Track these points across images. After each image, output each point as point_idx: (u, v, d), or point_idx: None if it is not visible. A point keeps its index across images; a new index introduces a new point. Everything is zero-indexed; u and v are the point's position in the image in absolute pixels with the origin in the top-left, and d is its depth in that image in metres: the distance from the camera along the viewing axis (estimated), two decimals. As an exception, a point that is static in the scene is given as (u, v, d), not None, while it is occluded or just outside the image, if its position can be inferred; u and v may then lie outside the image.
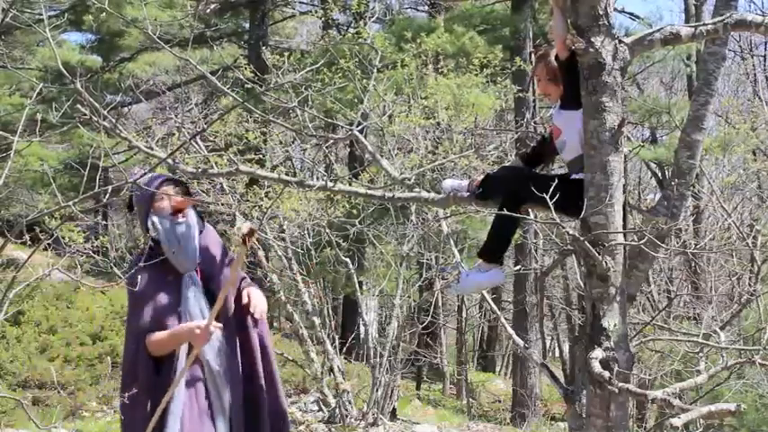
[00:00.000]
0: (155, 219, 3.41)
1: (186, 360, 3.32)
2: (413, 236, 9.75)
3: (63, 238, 8.61)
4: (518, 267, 13.25)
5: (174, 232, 3.40)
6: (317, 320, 9.19)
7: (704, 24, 3.32)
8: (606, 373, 2.97)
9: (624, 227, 3.22)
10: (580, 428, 3.33)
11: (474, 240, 13.90)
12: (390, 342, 9.45)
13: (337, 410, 8.96)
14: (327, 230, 9.35)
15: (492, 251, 3.60)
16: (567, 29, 3.23)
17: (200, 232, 3.53)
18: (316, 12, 17.60)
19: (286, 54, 9.48)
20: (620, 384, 2.95)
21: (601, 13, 3.14)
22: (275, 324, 16.75)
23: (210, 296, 3.45)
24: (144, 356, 3.36)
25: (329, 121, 4.68)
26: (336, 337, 9.79)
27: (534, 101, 14.15)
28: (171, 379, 3.32)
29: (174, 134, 9.45)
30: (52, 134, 11.06)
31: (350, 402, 9.01)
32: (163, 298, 3.41)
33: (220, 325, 3.33)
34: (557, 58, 3.42)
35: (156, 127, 11.16)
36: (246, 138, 9.51)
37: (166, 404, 3.28)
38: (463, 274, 3.68)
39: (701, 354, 4.32)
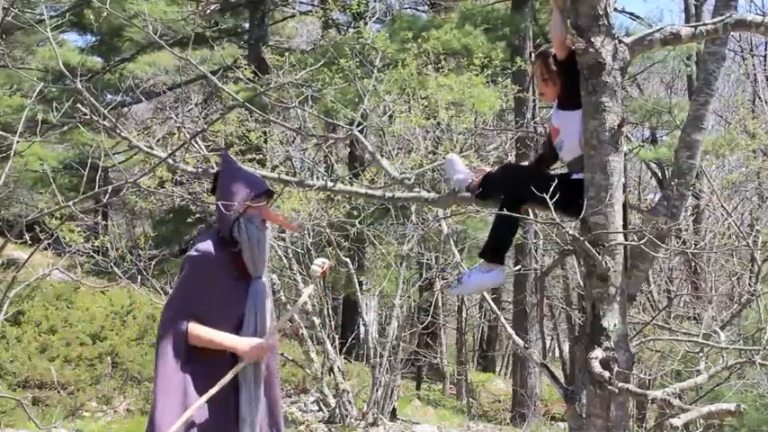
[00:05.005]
0: (243, 222, 3.47)
1: (234, 369, 3.37)
2: (413, 236, 9.75)
3: (63, 238, 8.61)
4: (518, 267, 13.25)
5: (258, 239, 3.49)
6: (317, 320, 9.19)
7: (704, 24, 3.32)
8: (606, 373, 2.97)
9: (624, 227, 3.22)
10: (580, 428, 3.33)
11: (474, 240, 13.89)
12: (390, 342, 9.46)
13: (337, 410, 8.97)
14: (327, 230, 9.35)
15: (493, 251, 3.60)
16: (566, 29, 3.23)
17: None
18: (316, 12, 17.60)
19: (286, 54, 9.48)
20: (620, 384, 2.95)
21: (601, 13, 3.14)
22: (275, 324, 16.73)
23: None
24: (183, 348, 3.37)
25: (329, 120, 4.68)
26: (336, 337, 9.80)
27: (534, 101, 14.15)
28: (202, 369, 3.35)
29: (174, 134, 9.46)
30: (52, 134, 11.06)
31: (350, 402, 9.02)
32: (231, 293, 3.46)
33: (268, 348, 3.46)
34: (555, 57, 3.42)
35: (157, 127, 11.17)
36: (247, 138, 9.52)
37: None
38: (465, 275, 3.68)
39: (701, 354, 4.33)
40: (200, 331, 3.36)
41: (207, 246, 3.47)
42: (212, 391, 3.28)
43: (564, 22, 3.24)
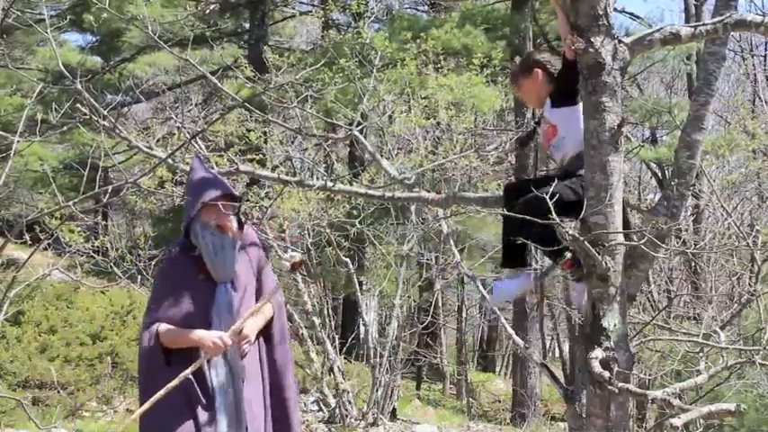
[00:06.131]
0: (198, 228, 3.48)
1: (196, 363, 3.38)
2: (413, 236, 9.75)
3: (63, 238, 8.60)
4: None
5: (213, 245, 3.48)
6: (317, 320, 9.19)
7: (704, 24, 3.32)
8: (606, 373, 2.97)
9: (627, 227, 3.22)
10: (580, 428, 3.33)
11: (474, 240, 13.88)
12: (390, 342, 9.45)
13: (337, 410, 8.96)
14: (327, 230, 9.35)
15: (509, 258, 3.60)
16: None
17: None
18: (316, 12, 17.60)
19: (286, 54, 9.48)
20: (620, 384, 2.95)
21: (601, 13, 3.14)
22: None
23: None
24: (157, 347, 3.44)
25: (329, 120, 4.68)
26: (336, 337, 9.79)
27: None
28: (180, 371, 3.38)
29: (174, 134, 9.46)
30: (52, 134, 11.05)
31: (350, 402, 9.02)
32: (194, 296, 3.48)
33: (230, 342, 3.42)
34: (564, 56, 3.42)
35: (157, 127, 11.15)
36: (247, 138, 9.52)
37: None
38: (495, 285, 3.69)
39: (701, 354, 4.32)
40: (168, 332, 3.42)
41: (172, 251, 3.57)
42: (172, 384, 3.29)
43: (569, 22, 3.24)
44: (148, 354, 3.45)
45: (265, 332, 3.60)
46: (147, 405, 3.28)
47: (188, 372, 3.33)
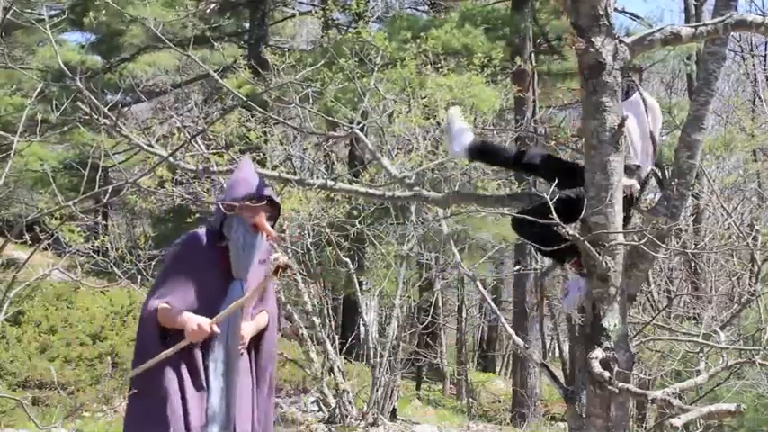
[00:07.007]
0: (234, 222, 3.52)
1: (176, 345, 3.41)
2: (413, 236, 9.75)
3: (63, 238, 8.60)
4: (518, 267, 13.25)
5: (245, 240, 3.51)
6: (317, 320, 9.19)
7: (704, 24, 3.33)
8: (606, 373, 2.97)
9: (624, 227, 3.22)
10: (580, 428, 3.33)
11: (474, 240, 13.88)
12: (390, 342, 9.45)
13: (337, 410, 8.96)
14: (327, 230, 9.35)
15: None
16: None
17: None
18: (316, 12, 17.60)
19: (286, 54, 9.49)
20: (620, 384, 2.95)
21: (601, 13, 3.14)
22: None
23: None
24: (155, 323, 3.47)
25: (330, 119, 4.68)
26: (336, 337, 9.79)
27: (534, 100, 14.15)
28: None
29: (174, 134, 9.46)
30: (52, 134, 11.05)
31: (350, 402, 9.01)
32: (206, 286, 3.51)
33: (218, 330, 3.42)
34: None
35: (157, 127, 11.15)
36: (247, 138, 9.52)
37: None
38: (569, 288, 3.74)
39: (701, 354, 4.33)
40: (163, 311, 3.44)
41: (190, 235, 3.59)
42: (149, 363, 3.33)
43: None
44: (144, 336, 3.50)
45: (255, 343, 3.62)
46: (135, 371, 3.37)
47: (167, 353, 3.35)
